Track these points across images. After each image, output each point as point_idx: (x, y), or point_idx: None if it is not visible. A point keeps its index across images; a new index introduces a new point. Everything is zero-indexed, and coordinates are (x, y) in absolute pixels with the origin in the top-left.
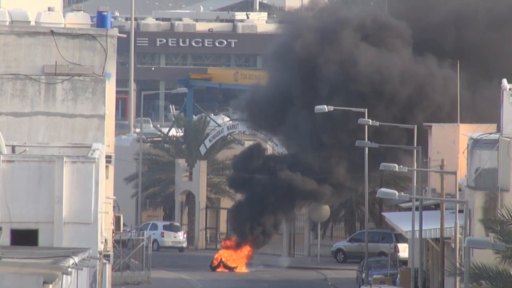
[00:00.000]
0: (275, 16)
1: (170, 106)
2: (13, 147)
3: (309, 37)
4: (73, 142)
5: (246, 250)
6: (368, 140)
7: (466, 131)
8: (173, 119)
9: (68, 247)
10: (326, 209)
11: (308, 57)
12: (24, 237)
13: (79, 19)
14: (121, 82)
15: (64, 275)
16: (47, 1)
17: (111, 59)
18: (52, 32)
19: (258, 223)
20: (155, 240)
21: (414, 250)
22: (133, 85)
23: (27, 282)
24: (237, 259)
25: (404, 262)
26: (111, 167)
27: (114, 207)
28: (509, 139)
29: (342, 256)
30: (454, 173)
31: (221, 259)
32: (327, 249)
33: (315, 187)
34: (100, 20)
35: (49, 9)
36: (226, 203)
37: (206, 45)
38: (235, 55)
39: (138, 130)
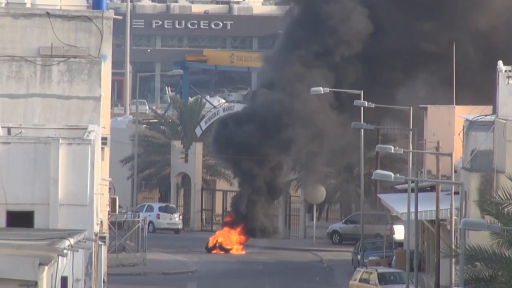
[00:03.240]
0: None
1: (166, 88)
2: (8, 129)
3: None
4: (69, 124)
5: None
6: None
7: (462, 113)
8: (169, 101)
9: (64, 228)
10: (321, 191)
11: None
12: (20, 219)
13: (74, 1)
14: (117, 64)
15: (59, 257)
16: None
17: (107, 41)
18: (48, 14)
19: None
20: (150, 222)
21: (410, 232)
22: (129, 67)
23: (22, 264)
24: (232, 241)
25: (399, 243)
26: (107, 149)
27: (109, 189)
28: (504, 121)
29: (338, 237)
30: (450, 154)
31: (216, 241)
32: (322, 231)
33: None
34: (96, 2)
35: None
36: (222, 185)
37: (202, 27)
38: (231, 37)
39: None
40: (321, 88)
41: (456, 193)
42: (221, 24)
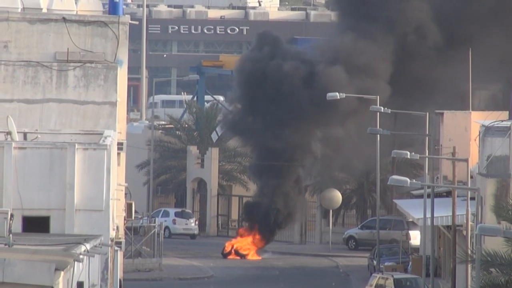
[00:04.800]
0: (287, 3)
1: (182, 93)
2: (25, 134)
3: None
4: (85, 129)
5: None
6: None
7: (478, 119)
8: (185, 106)
9: (80, 234)
10: (337, 196)
11: None
12: (36, 224)
13: (91, 6)
14: (133, 69)
15: (75, 262)
16: None
17: (123, 46)
18: (64, 19)
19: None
20: (166, 227)
21: (426, 237)
22: (145, 72)
23: (38, 269)
24: (249, 246)
25: (415, 249)
26: (123, 154)
27: (125, 194)
28: None
29: (354, 243)
30: (466, 160)
31: (232, 246)
32: (338, 236)
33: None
34: (112, 7)
35: None
36: (238, 190)
37: (218, 32)
38: (247, 42)
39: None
40: (337, 94)
41: (472, 198)
42: (237, 29)
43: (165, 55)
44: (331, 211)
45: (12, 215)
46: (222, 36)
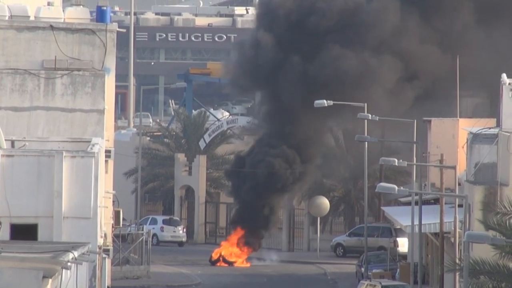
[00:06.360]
0: None
1: (170, 101)
2: (12, 142)
3: None
4: (73, 136)
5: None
6: None
7: (466, 126)
8: (173, 113)
9: (68, 241)
10: (325, 204)
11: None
12: (24, 232)
13: (78, 14)
14: (121, 76)
15: (63, 270)
16: None
17: (111, 54)
18: (52, 27)
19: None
20: (154, 235)
21: (414, 244)
22: (132, 80)
23: (26, 277)
24: (237, 254)
25: (403, 256)
26: (111, 162)
27: (113, 201)
28: (508, 134)
29: (342, 250)
30: (454, 167)
31: (220, 254)
32: (326, 244)
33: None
34: (100, 15)
35: (49, 3)
36: (226, 197)
37: (205, 40)
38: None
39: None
40: (324, 101)
41: (460, 206)
42: (225, 37)
43: (152, 63)
44: (319, 218)
45: None
46: (209, 44)
